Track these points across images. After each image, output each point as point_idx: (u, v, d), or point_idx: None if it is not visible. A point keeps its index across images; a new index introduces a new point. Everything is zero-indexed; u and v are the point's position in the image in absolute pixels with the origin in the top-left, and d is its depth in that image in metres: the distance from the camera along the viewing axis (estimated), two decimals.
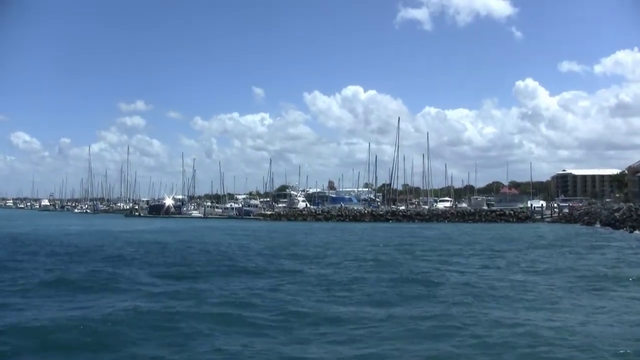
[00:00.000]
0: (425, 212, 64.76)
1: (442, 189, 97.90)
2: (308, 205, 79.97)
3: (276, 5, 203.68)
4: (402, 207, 71.74)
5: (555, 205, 67.34)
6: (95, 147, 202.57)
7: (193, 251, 25.98)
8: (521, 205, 67.99)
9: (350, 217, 64.97)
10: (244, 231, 44.32)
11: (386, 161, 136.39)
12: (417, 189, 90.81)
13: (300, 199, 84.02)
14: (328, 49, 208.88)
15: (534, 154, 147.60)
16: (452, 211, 65.22)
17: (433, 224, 58.17)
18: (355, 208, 71.35)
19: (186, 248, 27.56)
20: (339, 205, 74.84)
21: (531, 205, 66.73)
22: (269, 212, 73.94)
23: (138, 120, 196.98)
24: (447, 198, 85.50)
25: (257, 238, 35.89)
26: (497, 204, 71.50)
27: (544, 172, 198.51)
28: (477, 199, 76.06)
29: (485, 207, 68.37)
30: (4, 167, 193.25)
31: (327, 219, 65.28)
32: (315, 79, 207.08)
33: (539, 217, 61.14)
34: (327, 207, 73.91)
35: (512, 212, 61.83)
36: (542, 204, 67.98)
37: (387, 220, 62.46)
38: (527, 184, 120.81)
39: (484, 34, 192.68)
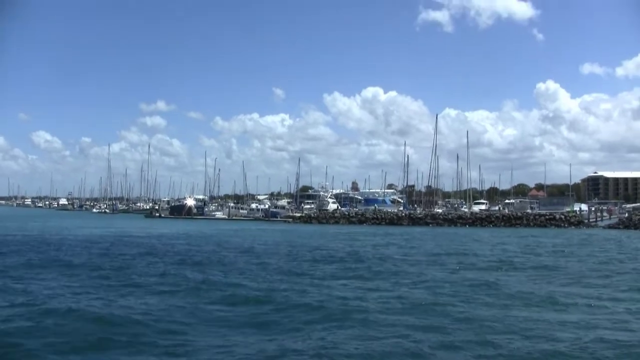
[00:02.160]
0: (468, 216, 60.54)
1: (466, 191, 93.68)
2: (339, 207, 76.03)
3: (296, 7, 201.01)
4: (440, 210, 67.61)
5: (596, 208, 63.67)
6: (115, 147, 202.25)
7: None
8: (568, 209, 63.68)
9: (387, 221, 60.93)
10: (307, 237, 38.26)
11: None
12: (439, 190, 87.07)
13: (331, 200, 79.96)
14: (348, 50, 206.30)
15: (555, 156, 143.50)
16: (497, 214, 60.79)
17: (478, 228, 54.01)
18: (390, 210, 67.38)
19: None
20: (372, 207, 70.86)
21: (580, 209, 62.78)
22: (297, 214, 70.18)
23: (158, 120, 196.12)
24: (482, 201, 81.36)
25: (353, 246, 30.50)
26: (542, 207, 67.05)
27: (565, 174, 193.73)
28: (520, 201, 71.61)
29: (529, 211, 64.08)
30: (25, 166, 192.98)
31: (361, 222, 61.35)
32: (335, 80, 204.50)
33: (586, 220, 57.27)
34: (361, 209, 69.95)
35: (562, 216, 57.50)
36: (587, 208, 64.20)
37: (427, 224, 58.36)
38: (554, 187, 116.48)
39: (505, 35, 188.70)
